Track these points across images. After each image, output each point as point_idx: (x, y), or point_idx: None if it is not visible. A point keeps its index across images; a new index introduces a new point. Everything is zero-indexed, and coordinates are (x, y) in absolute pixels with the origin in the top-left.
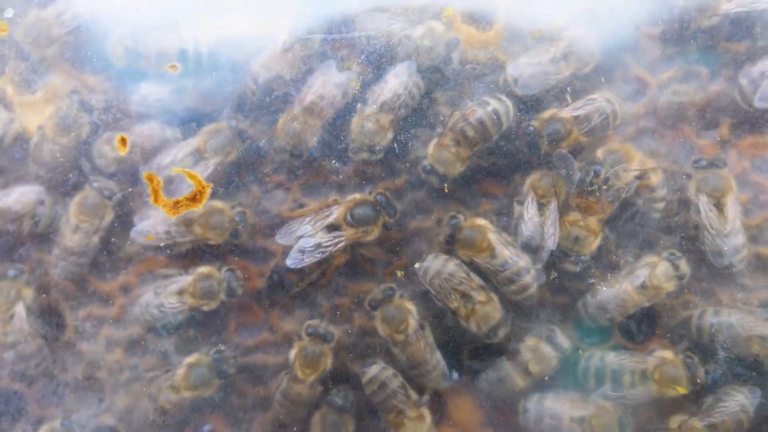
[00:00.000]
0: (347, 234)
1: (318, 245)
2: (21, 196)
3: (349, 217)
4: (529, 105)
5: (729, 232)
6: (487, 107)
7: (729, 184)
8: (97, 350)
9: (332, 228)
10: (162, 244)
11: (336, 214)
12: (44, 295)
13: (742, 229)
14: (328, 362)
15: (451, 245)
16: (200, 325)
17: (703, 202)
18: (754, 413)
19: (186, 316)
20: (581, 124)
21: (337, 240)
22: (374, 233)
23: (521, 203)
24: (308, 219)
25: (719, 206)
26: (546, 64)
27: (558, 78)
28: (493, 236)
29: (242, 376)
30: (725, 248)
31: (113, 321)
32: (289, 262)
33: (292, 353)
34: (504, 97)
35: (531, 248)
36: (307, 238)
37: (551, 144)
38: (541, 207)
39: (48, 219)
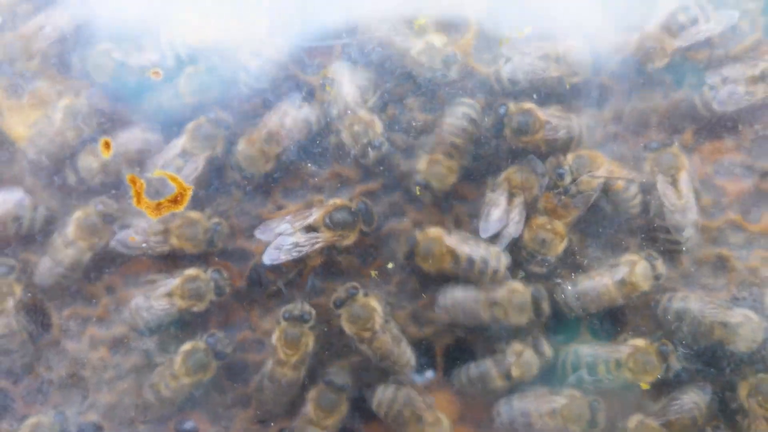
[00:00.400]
0: (324, 236)
1: (295, 244)
2: (2, 203)
3: (327, 220)
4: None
5: (684, 206)
6: (462, 116)
7: (682, 161)
8: (81, 349)
9: (310, 229)
10: (140, 252)
11: (315, 215)
12: (29, 294)
13: (695, 204)
14: (309, 342)
15: (411, 260)
16: (182, 324)
17: (660, 181)
18: (707, 408)
19: (175, 318)
20: (549, 131)
21: (314, 241)
22: (350, 238)
23: (494, 191)
24: (288, 218)
25: (674, 183)
26: (536, 59)
27: (544, 76)
28: (449, 240)
29: (223, 373)
30: (683, 222)
31: (97, 320)
32: (266, 259)
33: (274, 337)
34: (466, 100)
35: (494, 233)
36: (285, 236)
37: (514, 132)
38: (512, 198)
39: (29, 221)
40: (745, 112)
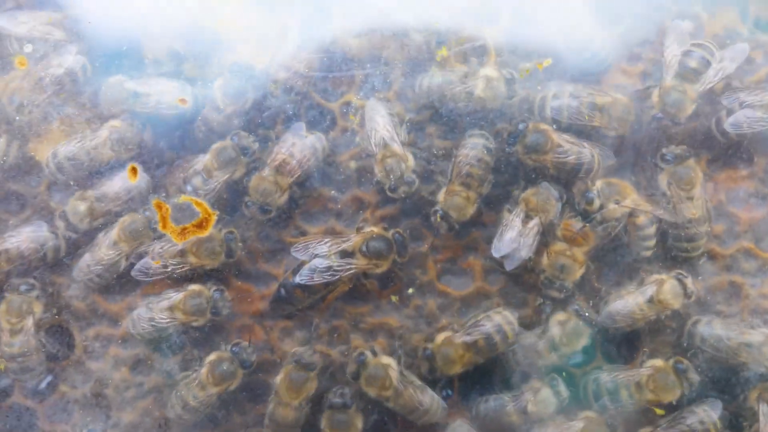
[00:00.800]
0: (359, 263)
1: (329, 267)
2: (29, 236)
3: (364, 248)
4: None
5: (700, 219)
6: (477, 146)
7: (698, 174)
8: (104, 368)
9: (346, 254)
10: (162, 277)
11: (353, 242)
12: (56, 315)
13: (708, 216)
14: (312, 386)
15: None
16: (203, 345)
17: (676, 195)
18: (715, 427)
19: (177, 331)
20: (559, 153)
21: (348, 266)
22: (383, 267)
23: (510, 212)
24: (326, 240)
25: (690, 198)
26: (585, 105)
27: (586, 123)
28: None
29: (243, 394)
30: (699, 233)
31: (120, 340)
32: (299, 278)
33: (278, 378)
34: (478, 131)
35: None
36: (320, 259)
37: (526, 148)
38: (527, 219)
39: (53, 251)
40: (760, 142)
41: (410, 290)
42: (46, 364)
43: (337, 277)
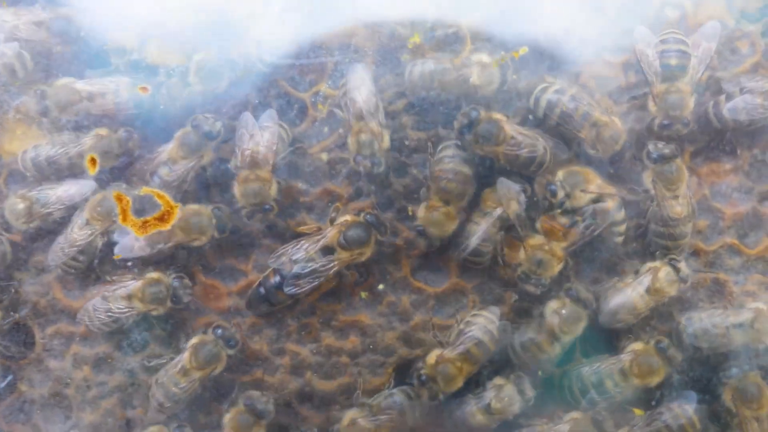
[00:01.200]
0: (342, 256)
1: (313, 271)
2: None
3: (342, 240)
4: None
5: (686, 218)
6: (452, 158)
7: (683, 173)
8: (64, 367)
9: (327, 250)
10: (147, 254)
11: (329, 236)
12: (14, 314)
13: (693, 212)
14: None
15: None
16: (166, 343)
17: (660, 192)
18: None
19: (139, 328)
20: (511, 146)
21: (331, 264)
22: (368, 253)
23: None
24: (301, 243)
25: (675, 197)
26: (577, 112)
27: (573, 129)
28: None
29: (209, 394)
30: (685, 231)
31: (81, 338)
32: (288, 290)
33: (227, 417)
34: (452, 142)
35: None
36: (302, 264)
37: (477, 138)
38: (486, 216)
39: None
40: (744, 134)
41: (380, 286)
42: (2, 364)
43: (322, 278)
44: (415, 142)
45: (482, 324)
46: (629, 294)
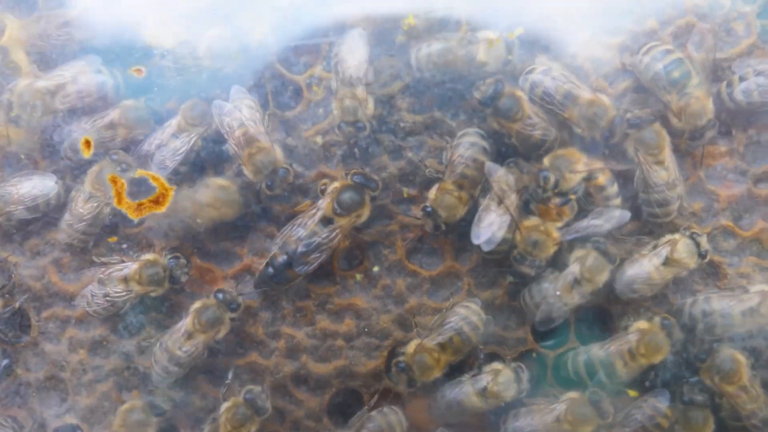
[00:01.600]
0: (341, 223)
1: (318, 245)
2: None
3: (337, 208)
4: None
5: (673, 182)
6: (474, 145)
7: (664, 137)
8: (60, 351)
9: (326, 221)
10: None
11: (324, 206)
12: (8, 295)
13: (681, 178)
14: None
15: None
16: (161, 326)
17: (644, 160)
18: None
19: (135, 312)
20: (526, 125)
21: (334, 234)
22: (365, 213)
23: (485, 197)
24: (299, 222)
25: (658, 162)
26: (559, 91)
27: (556, 109)
28: (429, 342)
29: (204, 376)
30: (670, 195)
31: (77, 322)
32: (300, 269)
33: (225, 406)
34: (474, 129)
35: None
36: (306, 240)
37: (497, 111)
38: (501, 201)
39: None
40: (738, 116)
41: (375, 268)
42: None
43: (330, 251)
44: (410, 124)
45: (463, 314)
46: (645, 265)
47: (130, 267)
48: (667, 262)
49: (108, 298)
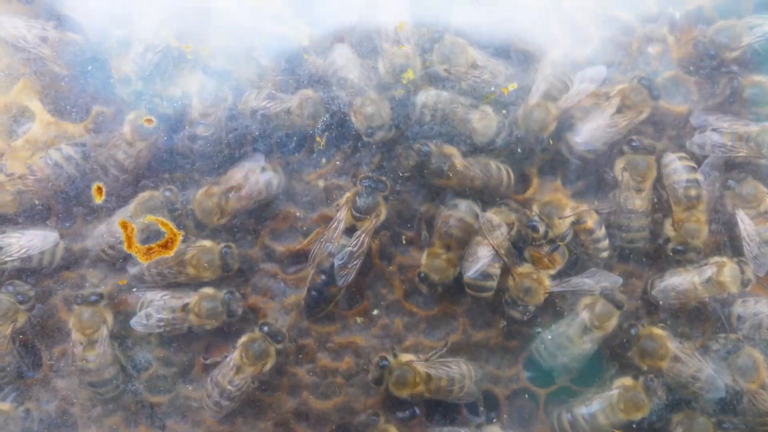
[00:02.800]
0: (364, 227)
1: (351, 254)
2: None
3: (356, 213)
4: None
5: (641, 212)
6: (459, 208)
7: (652, 171)
8: (70, 387)
9: (350, 230)
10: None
11: (343, 217)
12: (20, 335)
13: (649, 214)
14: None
15: (380, 385)
16: (169, 364)
17: (626, 181)
18: None
19: (143, 349)
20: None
21: (362, 240)
22: (383, 212)
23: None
24: (325, 237)
25: (638, 189)
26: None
27: (615, 131)
28: (420, 366)
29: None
30: (635, 226)
31: None
32: (341, 281)
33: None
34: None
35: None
36: (339, 254)
37: (429, 174)
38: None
39: (50, 256)
40: None
41: (375, 311)
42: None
43: (362, 257)
44: (408, 173)
45: (464, 372)
46: (687, 278)
47: (190, 298)
48: (710, 281)
49: (163, 323)
